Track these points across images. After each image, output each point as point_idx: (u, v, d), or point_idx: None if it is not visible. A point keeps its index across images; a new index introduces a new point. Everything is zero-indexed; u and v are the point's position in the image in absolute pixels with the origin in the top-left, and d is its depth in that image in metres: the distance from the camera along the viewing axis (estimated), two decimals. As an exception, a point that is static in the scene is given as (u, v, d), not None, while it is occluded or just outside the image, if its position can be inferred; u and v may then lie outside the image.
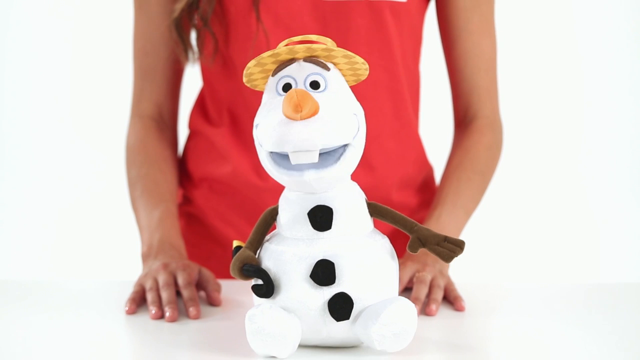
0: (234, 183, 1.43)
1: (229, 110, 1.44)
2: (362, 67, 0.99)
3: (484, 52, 1.42)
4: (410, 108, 1.45)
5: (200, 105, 1.49)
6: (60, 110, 2.97)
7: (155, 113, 1.47)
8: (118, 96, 2.20)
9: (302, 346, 0.99)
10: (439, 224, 1.32)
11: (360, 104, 0.99)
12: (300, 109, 0.91)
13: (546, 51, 2.94)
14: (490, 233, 2.71)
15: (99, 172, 2.91)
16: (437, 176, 1.53)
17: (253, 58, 1.35)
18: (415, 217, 1.46)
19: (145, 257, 1.30)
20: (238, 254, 0.98)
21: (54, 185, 2.98)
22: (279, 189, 1.00)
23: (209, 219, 1.47)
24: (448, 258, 0.98)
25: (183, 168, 1.51)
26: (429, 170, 1.52)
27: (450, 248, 0.98)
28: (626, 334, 1.10)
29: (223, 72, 1.42)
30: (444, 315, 1.17)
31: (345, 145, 0.94)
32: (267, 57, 0.97)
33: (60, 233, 2.97)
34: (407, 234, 0.99)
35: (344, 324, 0.96)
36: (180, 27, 1.39)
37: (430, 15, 1.46)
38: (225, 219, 1.46)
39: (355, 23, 1.36)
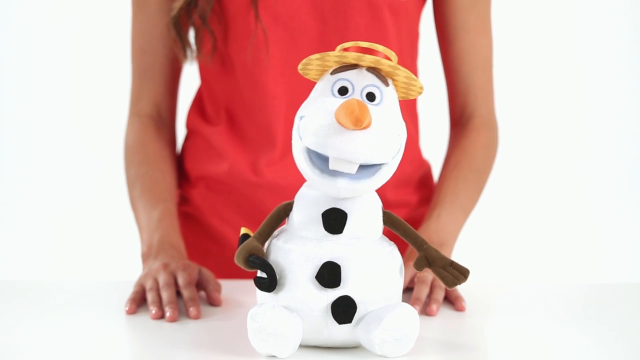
0: (230, 181, 1.44)
1: (227, 108, 1.44)
2: (416, 90, 0.98)
3: (480, 51, 1.43)
4: (407, 106, 1.45)
5: (198, 104, 1.49)
6: (59, 110, 2.97)
7: (154, 112, 1.47)
8: (117, 95, 2.20)
9: (302, 346, 0.99)
10: (439, 223, 1.32)
11: None
12: (361, 123, 0.91)
13: (545, 50, 2.93)
14: (490, 233, 2.72)
15: (99, 172, 2.91)
16: (434, 173, 1.53)
17: (252, 56, 1.36)
18: (415, 214, 1.46)
19: (145, 257, 1.30)
20: (245, 243, 0.98)
21: (53, 185, 2.98)
22: (275, 186, 1.00)
23: (206, 218, 1.47)
24: (451, 284, 0.99)
25: (180, 167, 1.51)
26: (427, 168, 1.52)
27: (455, 274, 0.99)
28: (626, 334, 1.10)
29: (221, 71, 1.42)
30: (444, 315, 1.17)
31: (383, 164, 0.94)
32: (332, 56, 0.96)
33: (60, 233, 2.97)
34: (416, 250, 1.00)
35: (345, 327, 0.96)
36: (179, 25, 1.39)
37: (427, 14, 1.46)
38: (222, 217, 1.46)
39: (354, 21, 1.36)
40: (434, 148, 1.62)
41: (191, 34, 1.42)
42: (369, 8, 1.36)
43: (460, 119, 1.45)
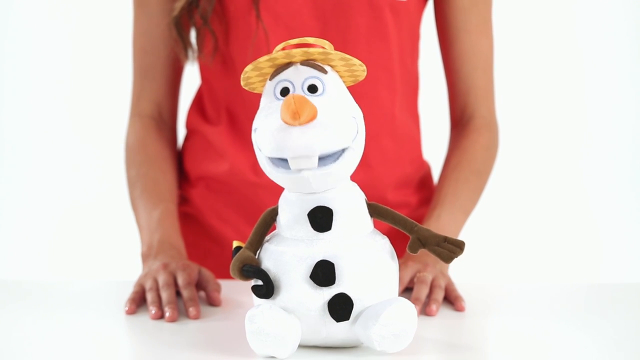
0: (231, 181, 1.44)
1: (227, 108, 1.44)
2: (360, 69, 0.98)
3: (481, 51, 1.43)
4: (408, 107, 1.45)
5: (198, 104, 1.49)
6: (59, 110, 2.97)
7: (155, 112, 1.47)
8: (118, 95, 2.20)
9: (301, 346, 0.99)
10: (439, 224, 1.32)
11: (359, 102, 0.99)
12: (299, 116, 0.91)
13: (545, 50, 2.93)
14: (490, 233, 2.72)
15: (99, 172, 2.91)
16: (434, 174, 1.53)
17: (253, 57, 1.35)
18: (416, 214, 1.47)
19: (145, 257, 1.30)
20: (238, 254, 0.98)
21: (54, 185, 2.98)
22: (275, 186, 1.00)
23: (206, 218, 1.47)
24: (448, 259, 0.98)
25: (180, 168, 1.51)
26: (427, 168, 1.52)
27: (450, 249, 0.98)
28: (626, 334, 1.10)
29: (222, 71, 1.42)
30: (444, 315, 1.17)
31: (345, 148, 0.94)
32: (264, 62, 0.97)
33: (60, 233, 2.97)
34: (407, 234, 0.99)
35: (343, 324, 0.96)
36: (180, 25, 1.39)
37: (428, 14, 1.46)
38: (223, 217, 1.46)
39: (355, 22, 1.36)
40: (434, 148, 1.62)
41: (192, 34, 1.42)
42: (370, 8, 1.36)
43: (461, 120, 1.45)
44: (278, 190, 1.01)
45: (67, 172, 2.97)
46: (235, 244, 1.01)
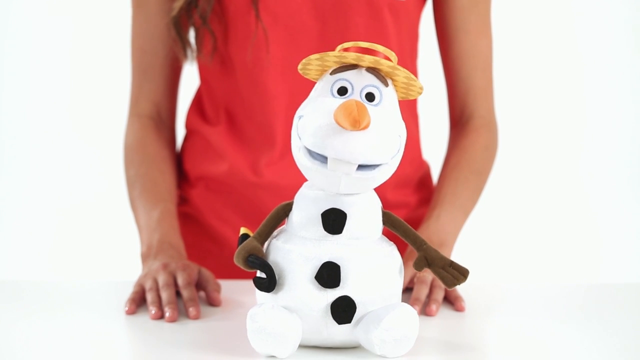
0: (230, 181, 1.44)
1: (226, 109, 1.44)
2: (416, 91, 0.98)
3: (481, 51, 1.43)
4: (407, 107, 1.45)
5: (197, 104, 1.49)
6: (59, 110, 2.97)
7: (154, 112, 1.47)
8: (117, 95, 2.20)
9: (302, 346, 0.99)
10: (439, 224, 1.32)
11: None
12: (359, 125, 0.91)
13: (545, 50, 2.93)
14: (490, 233, 2.72)
15: (99, 172, 2.91)
16: (433, 174, 1.53)
17: (252, 56, 1.35)
18: (415, 214, 1.47)
19: (145, 257, 1.30)
20: (245, 243, 0.98)
21: (53, 185, 2.98)
22: (275, 186, 1.00)
23: (205, 218, 1.47)
24: (450, 284, 0.99)
25: (179, 168, 1.51)
26: (426, 168, 1.52)
27: (454, 275, 0.99)
28: (626, 334, 1.10)
29: (221, 71, 1.42)
30: (444, 315, 1.17)
31: (382, 164, 0.94)
32: (332, 56, 0.96)
33: (60, 233, 2.97)
34: (415, 250, 1.00)
35: (345, 327, 0.96)
36: (179, 25, 1.39)
37: (427, 14, 1.46)
38: (222, 217, 1.46)
39: (354, 21, 1.36)
40: (434, 148, 1.62)
41: (191, 34, 1.42)
42: (369, 8, 1.36)
43: (460, 120, 1.45)
44: (277, 190, 1.01)
45: (67, 172, 2.97)
46: (242, 230, 1.01)
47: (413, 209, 1.48)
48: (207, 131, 1.45)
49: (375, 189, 1.41)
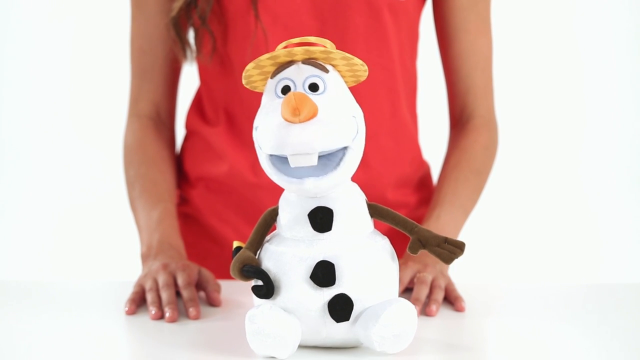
0: (230, 181, 1.44)
1: (226, 109, 1.44)
2: (361, 69, 0.98)
3: (480, 51, 1.43)
4: (407, 107, 1.45)
5: (197, 105, 1.49)
6: (59, 110, 2.97)
7: (153, 112, 1.47)
8: (117, 96, 2.20)
9: (301, 347, 0.99)
10: (439, 224, 1.32)
11: (358, 102, 0.99)
12: (299, 112, 0.91)
13: (544, 50, 2.93)
14: (490, 233, 2.71)
15: (99, 172, 2.91)
16: (434, 173, 1.53)
17: (251, 57, 1.35)
18: (415, 214, 1.47)
19: (145, 257, 1.30)
20: (238, 254, 0.98)
21: (53, 186, 2.98)
22: (275, 186, 1.00)
23: (205, 219, 1.47)
24: (448, 259, 0.98)
25: (179, 168, 1.51)
26: (426, 168, 1.52)
27: (451, 249, 0.98)
28: (626, 334, 1.10)
29: (221, 71, 1.42)
30: (444, 315, 1.17)
31: (345, 148, 0.94)
32: (265, 60, 0.97)
33: (60, 233, 2.97)
34: (408, 235, 0.99)
35: (344, 325, 0.96)
36: (178, 26, 1.39)
37: (427, 14, 1.46)
38: (222, 217, 1.46)
39: (354, 21, 1.36)
40: (434, 148, 1.62)
41: (191, 35, 1.42)
42: (369, 8, 1.36)
43: (460, 119, 1.45)
44: (277, 190, 1.01)
45: (67, 172, 2.98)
46: (235, 244, 1.01)
47: (413, 208, 1.48)
48: (207, 132, 1.45)
49: (375, 189, 1.42)
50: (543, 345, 1.06)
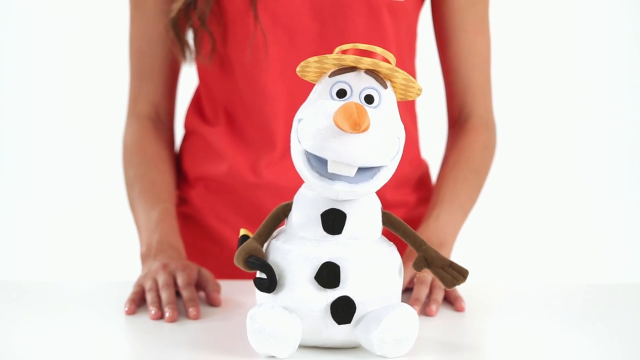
0: (229, 181, 1.44)
1: (225, 109, 1.44)
2: (415, 92, 0.98)
3: (479, 51, 1.43)
4: (406, 107, 1.45)
5: (196, 105, 1.49)
6: (58, 111, 2.97)
7: (152, 113, 1.47)
8: (117, 96, 2.20)
9: (302, 346, 0.99)
10: (438, 223, 1.32)
11: None
12: (359, 127, 0.91)
13: (543, 50, 2.93)
14: (489, 233, 2.72)
15: (98, 172, 2.91)
16: (432, 173, 1.53)
17: (251, 58, 1.35)
18: (414, 213, 1.47)
19: (145, 257, 1.30)
20: (245, 244, 0.98)
21: (53, 186, 2.98)
22: (274, 186, 1.00)
23: (204, 219, 1.47)
24: (450, 284, 0.99)
25: (178, 168, 1.51)
26: (424, 168, 1.52)
27: (454, 275, 0.99)
28: (626, 334, 1.10)
29: (220, 72, 1.42)
30: (443, 315, 1.17)
31: (381, 167, 0.94)
32: (331, 59, 0.96)
33: (60, 233, 2.97)
34: (415, 250, 1.00)
35: (345, 327, 0.96)
36: (178, 26, 1.39)
37: (425, 14, 1.46)
38: (221, 217, 1.46)
39: (353, 22, 1.36)
40: (433, 148, 1.62)
41: (190, 35, 1.41)
42: (368, 9, 1.36)
43: (459, 119, 1.45)
44: (277, 191, 1.01)
45: (67, 172, 2.97)
46: (242, 232, 1.01)
47: (412, 208, 1.48)
48: (207, 131, 1.45)
49: (375, 189, 1.42)
50: (543, 345, 1.06)
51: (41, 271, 2.93)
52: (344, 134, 0.92)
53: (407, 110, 1.46)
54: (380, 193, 1.43)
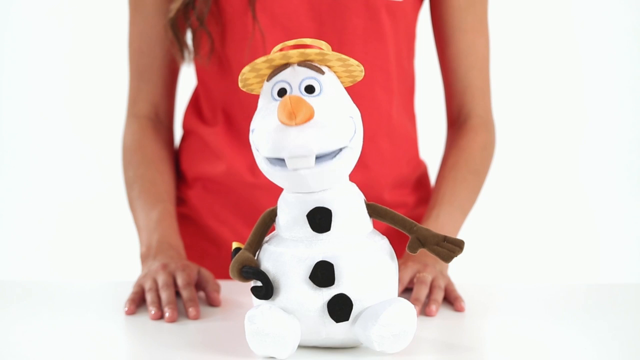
0: (228, 182, 1.44)
1: (224, 109, 1.44)
2: (357, 69, 0.99)
3: (478, 51, 1.43)
4: (405, 107, 1.45)
5: (195, 105, 1.49)
6: (58, 110, 2.97)
7: (152, 113, 1.47)
8: (117, 96, 2.20)
9: (301, 347, 0.99)
10: (437, 224, 1.32)
11: (355, 103, 0.99)
12: (295, 116, 0.91)
13: (542, 50, 2.94)
14: (489, 233, 2.72)
15: (98, 172, 2.91)
16: (431, 173, 1.53)
17: (249, 58, 1.36)
18: (413, 214, 1.47)
19: (144, 257, 1.30)
20: (237, 255, 0.98)
21: (53, 186, 2.98)
22: (273, 187, 1.00)
23: (203, 219, 1.47)
24: (447, 258, 0.98)
25: (177, 169, 1.51)
26: (423, 168, 1.52)
27: (450, 248, 0.98)
28: (626, 334, 1.10)
29: (218, 72, 1.42)
30: (443, 315, 1.17)
31: (342, 148, 0.94)
32: (261, 63, 0.97)
33: (60, 233, 2.97)
34: (407, 234, 0.99)
35: (343, 325, 0.96)
36: (176, 27, 1.39)
37: (424, 14, 1.46)
38: (220, 218, 1.46)
39: (352, 22, 1.36)
40: (431, 148, 1.62)
41: (188, 35, 1.42)
42: (366, 9, 1.36)
43: (458, 119, 1.45)
44: (275, 191, 1.01)
45: (67, 172, 2.98)
46: (234, 245, 1.01)
47: (411, 208, 1.48)
48: (205, 132, 1.45)
49: (373, 189, 1.42)
50: (543, 345, 1.06)
51: (41, 271, 2.93)
52: (292, 129, 0.92)
53: (406, 111, 1.46)
54: (378, 193, 1.44)
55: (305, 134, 0.92)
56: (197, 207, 1.47)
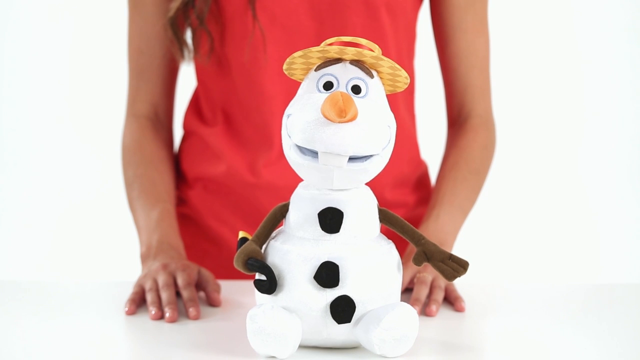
0: (228, 182, 1.43)
1: (223, 109, 1.43)
2: (403, 81, 0.98)
3: (478, 50, 1.43)
4: (405, 106, 1.45)
5: (195, 105, 1.49)
6: (58, 110, 2.97)
7: (151, 113, 1.47)
8: (116, 96, 2.20)
9: (302, 346, 0.99)
10: (438, 223, 1.32)
11: None
12: (345, 114, 0.91)
13: (542, 49, 2.93)
14: (490, 233, 2.71)
15: (98, 172, 2.91)
16: (431, 173, 1.53)
17: (249, 57, 1.35)
18: (413, 214, 1.47)
19: (145, 257, 1.30)
20: (244, 246, 0.98)
21: (53, 186, 2.98)
22: (273, 187, 1.00)
23: (203, 219, 1.47)
24: (450, 277, 0.99)
25: (177, 169, 1.50)
26: (424, 168, 1.52)
27: (454, 267, 0.99)
28: (626, 334, 1.10)
29: (218, 71, 1.42)
30: (444, 315, 1.17)
31: (374, 155, 0.94)
32: (315, 52, 0.96)
33: (60, 233, 2.97)
34: (414, 246, 1.00)
35: (345, 326, 0.96)
36: (176, 26, 1.39)
37: (424, 13, 1.46)
38: (220, 218, 1.46)
39: (351, 21, 1.36)
40: (432, 148, 1.62)
41: (188, 35, 1.41)
42: (366, 8, 1.36)
43: (458, 119, 1.45)
44: (275, 191, 1.01)
45: (66, 173, 2.97)
46: (241, 234, 1.01)
47: (411, 208, 1.48)
48: (205, 132, 1.45)
49: (374, 189, 1.41)
50: (543, 345, 1.06)
51: (41, 271, 2.93)
52: (332, 124, 0.92)
53: (407, 110, 1.46)
54: (379, 193, 1.44)
55: (345, 133, 0.92)
56: (198, 207, 1.47)
